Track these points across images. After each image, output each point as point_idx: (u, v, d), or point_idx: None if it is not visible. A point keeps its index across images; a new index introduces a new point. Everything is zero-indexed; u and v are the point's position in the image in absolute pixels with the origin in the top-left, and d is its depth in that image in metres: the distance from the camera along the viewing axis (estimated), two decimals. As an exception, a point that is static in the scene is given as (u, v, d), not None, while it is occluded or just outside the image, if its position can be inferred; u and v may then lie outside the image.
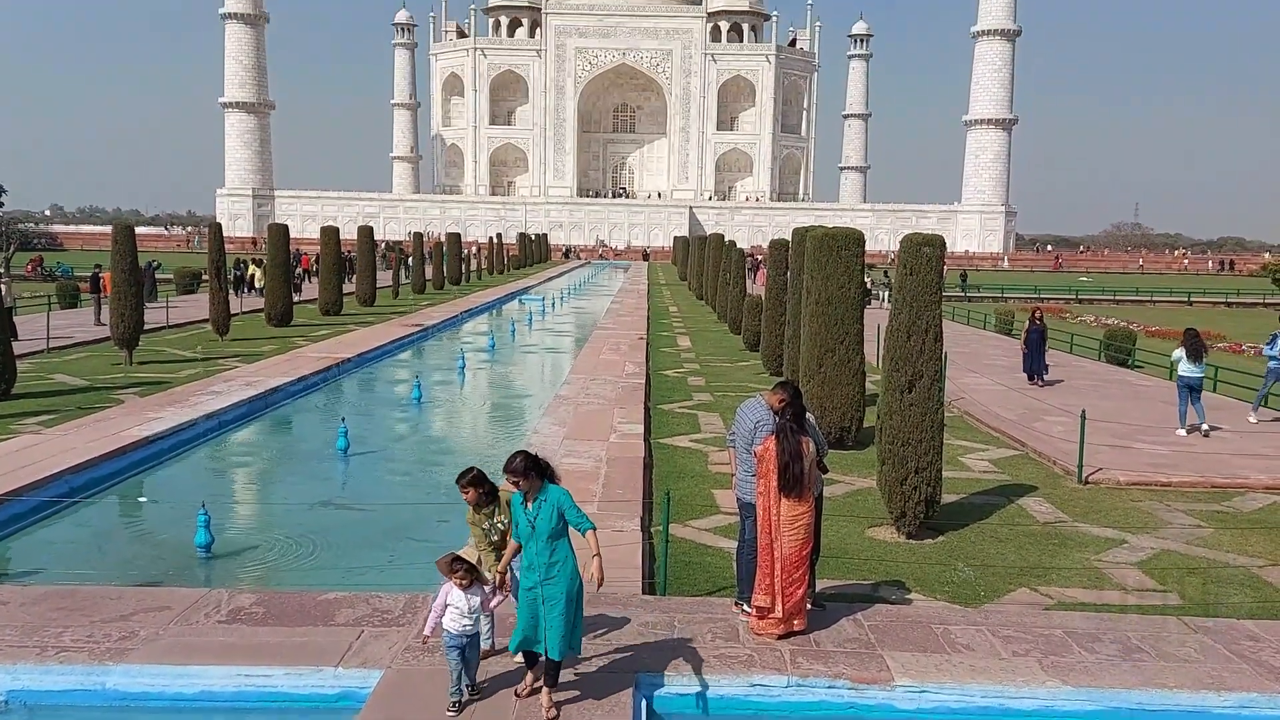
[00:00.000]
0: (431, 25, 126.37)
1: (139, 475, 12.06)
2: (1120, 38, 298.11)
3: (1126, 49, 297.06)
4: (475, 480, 6.33)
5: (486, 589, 5.93)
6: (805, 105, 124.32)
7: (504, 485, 6.01)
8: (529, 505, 5.73)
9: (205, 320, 25.06)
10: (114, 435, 12.59)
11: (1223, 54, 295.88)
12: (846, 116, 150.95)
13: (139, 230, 28.95)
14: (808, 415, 7.33)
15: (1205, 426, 15.03)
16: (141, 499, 11.56)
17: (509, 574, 6.09)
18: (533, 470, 5.70)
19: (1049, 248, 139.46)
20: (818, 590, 7.68)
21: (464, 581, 5.78)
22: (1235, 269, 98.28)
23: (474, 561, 5.92)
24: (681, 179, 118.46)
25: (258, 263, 38.95)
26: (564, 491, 5.78)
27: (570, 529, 5.74)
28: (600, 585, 5.77)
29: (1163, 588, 8.53)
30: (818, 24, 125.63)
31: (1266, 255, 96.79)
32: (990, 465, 13.06)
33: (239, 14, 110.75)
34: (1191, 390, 15.17)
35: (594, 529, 5.72)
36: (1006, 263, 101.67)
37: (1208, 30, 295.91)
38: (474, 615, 5.81)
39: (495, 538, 6.34)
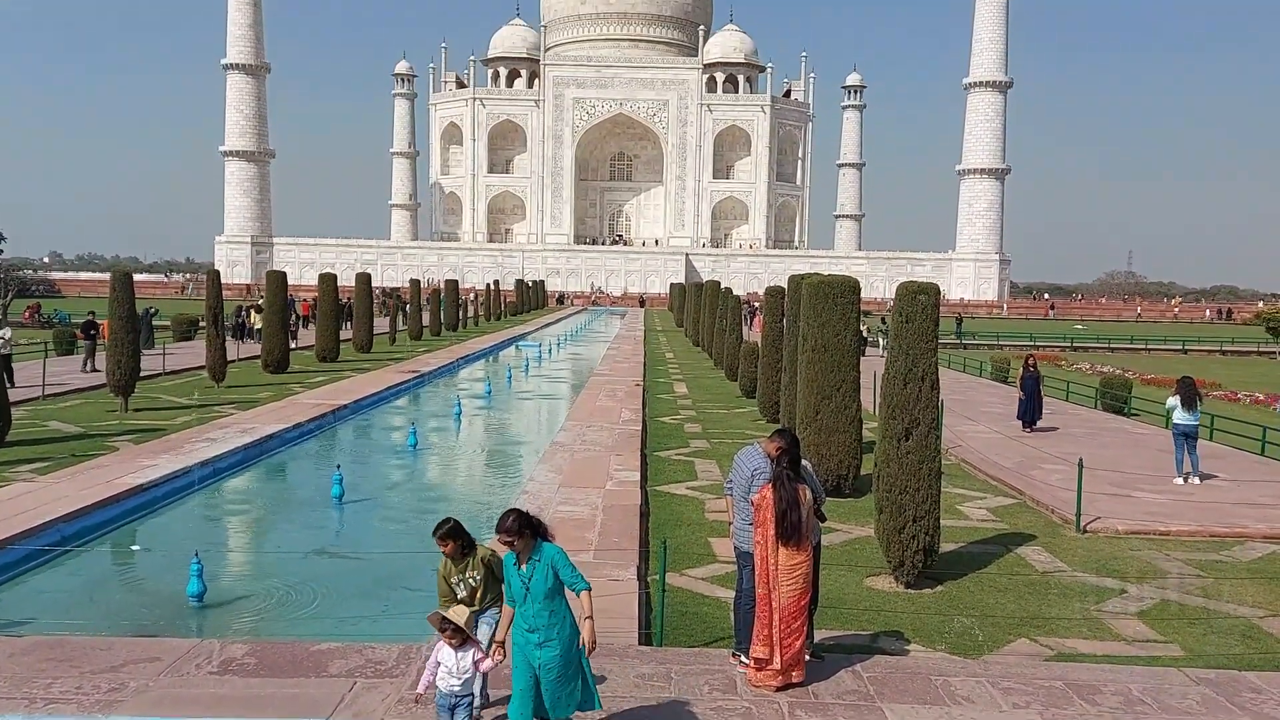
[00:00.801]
0: (431, 76, 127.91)
1: (132, 523, 11.97)
2: (1111, 88, 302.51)
3: (1117, 100, 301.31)
4: (453, 532, 6.11)
5: (477, 654, 5.70)
6: (800, 154, 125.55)
7: (492, 541, 5.85)
8: (523, 566, 5.54)
9: (202, 367, 25.03)
10: (107, 483, 12.52)
11: (1213, 105, 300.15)
12: (841, 166, 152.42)
13: (138, 277, 29.04)
14: (804, 463, 7.32)
15: (1197, 478, 15.01)
16: (134, 547, 11.47)
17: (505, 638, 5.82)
18: (527, 529, 5.53)
19: (1046, 295, 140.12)
20: (816, 641, 7.61)
21: (454, 641, 5.62)
22: (1233, 317, 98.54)
23: (462, 623, 5.68)
24: (678, 226, 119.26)
25: (257, 309, 39.02)
26: (558, 550, 5.62)
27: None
28: (592, 650, 5.60)
29: (1163, 638, 8.46)
30: (812, 75, 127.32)
31: (1260, 304, 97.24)
32: (988, 513, 13.01)
33: (240, 65, 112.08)
34: (1187, 438, 15.17)
35: (589, 589, 5.55)
36: (1006, 310, 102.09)
37: (1198, 81, 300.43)
38: (464, 676, 5.62)
39: (463, 593, 6.10)
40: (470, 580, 6.11)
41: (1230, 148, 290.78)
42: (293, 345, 31.60)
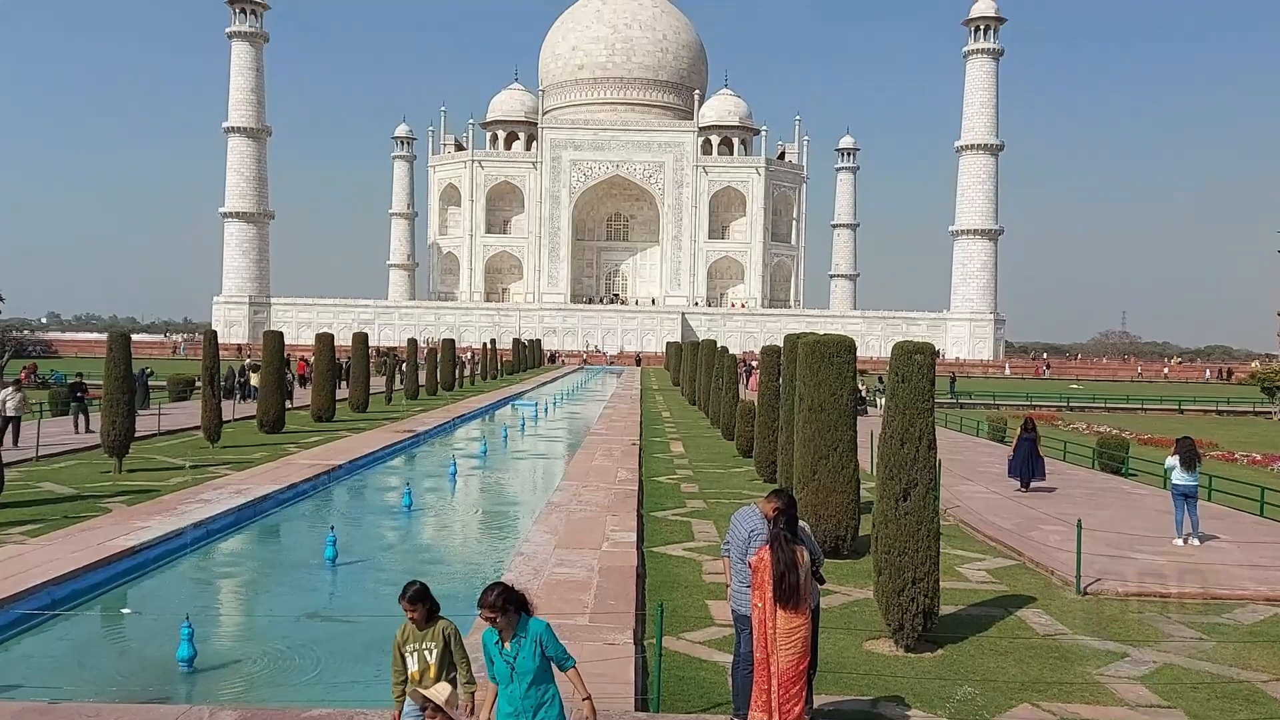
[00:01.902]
0: (431, 139, 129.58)
1: (124, 586, 11.84)
2: (1103, 150, 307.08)
3: (1108, 161, 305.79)
4: (421, 594, 5.70)
5: None
6: (795, 215, 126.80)
7: (479, 618, 5.48)
8: (506, 645, 5.24)
9: (197, 427, 24.97)
10: (99, 545, 12.40)
11: (1204, 165, 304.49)
12: (835, 226, 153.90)
13: (136, 337, 29.05)
14: (802, 524, 7.28)
15: (1197, 539, 14.93)
16: (125, 611, 11.32)
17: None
18: (511, 606, 5.21)
19: (1044, 355, 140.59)
20: (815, 706, 7.49)
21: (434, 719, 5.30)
22: (1233, 378, 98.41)
23: (442, 702, 5.19)
24: (674, 285, 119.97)
25: (255, 368, 39.02)
26: (544, 624, 5.33)
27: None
28: None
29: (1167, 703, 8.34)
30: (805, 138, 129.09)
31: (1255, 364, 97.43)
32: (988, 575, 12.90)
33: (242, 128, 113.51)
34: (1187, 499, 15.11)
35: (576, 665, 5.30)
36: (1008, 369, 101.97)
37: (1188, 143, 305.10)
38: None
39: (414, 666, 5.68)
40: (426, 653, 5.69)
41: (1222, 209, 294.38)
42: (288, 405, 31.54)
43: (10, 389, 23.83)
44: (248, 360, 50.27)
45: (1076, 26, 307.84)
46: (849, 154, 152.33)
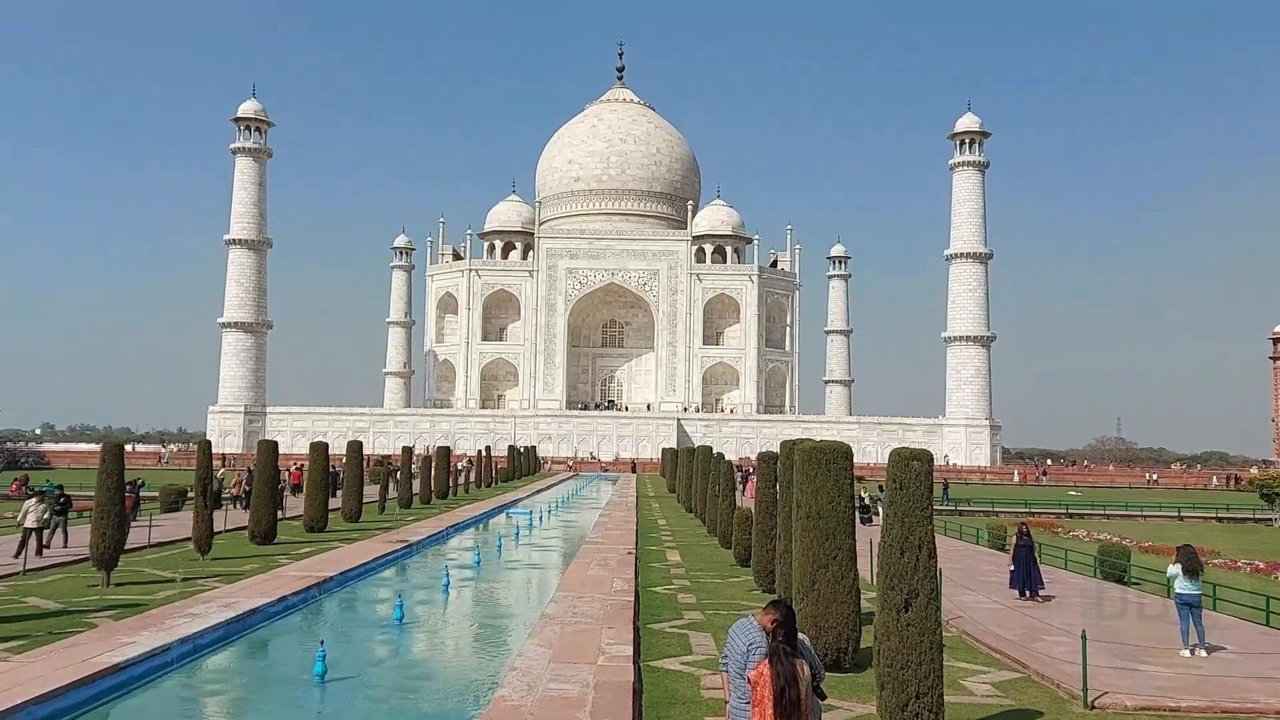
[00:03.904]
0: (429, 249, 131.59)
1: (108, 704, 11.52)
2: (1092, 257, 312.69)
3: (1099, 268, 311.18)
4: None
5: None
6: (788, 321, 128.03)
7: None
8: None
9: (188, 539, 24.66)
10: (84, 662, 12.12)
11: (1195, 270, 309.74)
12: (829, 332, 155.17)
13: (128, 448, 28.90)
14: (801, 636, 7.16)
15: (1203, 650, 14.67)
16: (106, 731, 11.00)
17: None
18: None
19: (1048, 462, 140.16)
20: (819, 830, 7.24)
21: None
22: (1239, 483, 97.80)
23: None
24: (669, 391, 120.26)
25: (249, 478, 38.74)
26: None
27: None
28: None
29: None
30: (797, 246, 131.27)
31: (1253, 470, 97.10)
32: (993, 689, 12.62)
33: (243, 240, 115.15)
34: (1191, 608, 14.90)
35: None
36: (1017, 476, 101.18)
37: (1179, 249, 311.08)
38: None
39: None
40: None
41: (1214, 315, 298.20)
42: (281, 515, 31.23)
43: (34, 500, 23.89)
44: (235, 473, 49.85)
45: (1064, 136, 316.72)
46: (841, 261, 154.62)
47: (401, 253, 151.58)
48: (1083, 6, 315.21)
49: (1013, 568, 20.27)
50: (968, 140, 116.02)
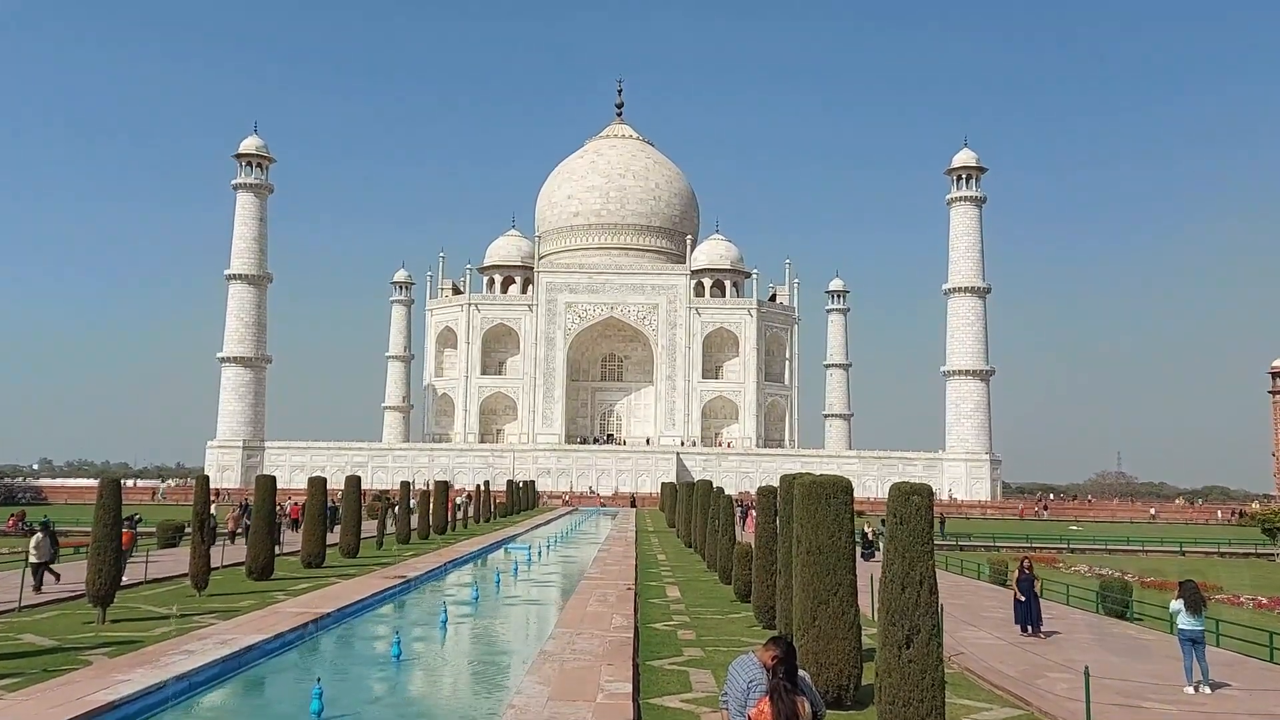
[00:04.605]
0: (429, 283, 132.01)
1: (99, 743, 11.39)
2: (1089, 292, 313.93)
3: (1096, 302, 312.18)
4: None
5: None
6: (787, 355, 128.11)
7: None
8: None
9: (184, 575, 24.51)
10: (77, 700, 12.00)
11: (1193, 305, 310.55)
12: (828, 366, 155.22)
13: (134, 483, 28.72)
14: (802, 673, 7.11)
15: (1207, 687, 14.54)
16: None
17: None
18: None
19: (1050, 496, 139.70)
20: None
21: None
22: (1245, 517, 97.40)
23: None
24: (669, 425, 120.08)
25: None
26: None
27: None
28: None
29: None
30: (796, 280, 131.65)
31: (1254, 504, 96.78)
32: (995, 726, 12.49)
33: (243, 275, 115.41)
34: (1194, 644, 14.79)
35: None
36: (1023, 511, 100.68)
37: (1174, 284, 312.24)
38: None
39: None
40: None
41: (1214, 349, 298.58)
42: (279, 550, 31.10)
43: (40, 534, 23.88)
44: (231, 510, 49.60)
45: (1061, 171, 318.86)
46: (839, 295, 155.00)
47: (401, 287, 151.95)
48: (1078, 45, 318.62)
49: (1023, 599, 20.04)
50: (964, 175, 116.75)
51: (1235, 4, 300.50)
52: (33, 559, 23.12)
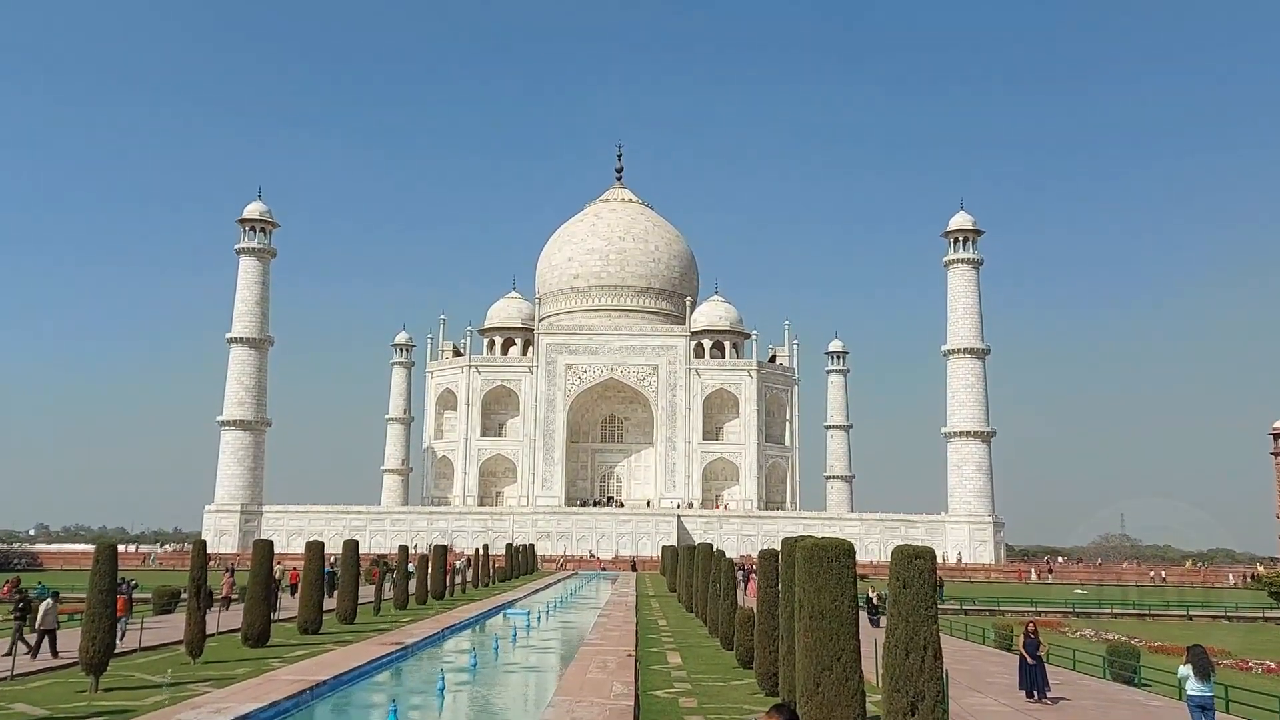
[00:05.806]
0: (429, 345, 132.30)
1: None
2: (1087, 353, 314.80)
3: (1095, 363, 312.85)
4: None
5: None
6: (788, 416, 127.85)
7: None
8: None
9: (179, 641, 24.20)
10: (67, 771, 11.77)
11: (1193, 367, 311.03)
12: (829, 428, 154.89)
13: (134, 548, 28.50)
14: (807, 745, 6.99)
15: None
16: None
17: None
18: None
19: (1059, 559, 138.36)
20: None
21: None
22: (1257, 580, 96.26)
23: None
24: (669, 487, 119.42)
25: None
26: None
27: None
28: None
29: None
30: (795, 342, 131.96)
31: (1260, 567, 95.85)
32: (1004, 797, 12.23)
33: (245, 339, 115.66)
34: (1204, 710, 14.57)
35: None
36: (1035, 574, 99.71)
37: (1174, 346, 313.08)
38: None
39: None
40: None
41: (1214, 412, 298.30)
42: (275, 616, 30.75)
43: (49, 601, 23.75)
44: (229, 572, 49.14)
45: (1058, 233, 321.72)
46: (839, 357, 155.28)
47: (402, 349, 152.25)
48: (1072, 109, 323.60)
49: (1032, 662, 19.70)
50: (961, 238, 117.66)
51: (1230, 67, 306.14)
52: (41, 625, 22.97)
